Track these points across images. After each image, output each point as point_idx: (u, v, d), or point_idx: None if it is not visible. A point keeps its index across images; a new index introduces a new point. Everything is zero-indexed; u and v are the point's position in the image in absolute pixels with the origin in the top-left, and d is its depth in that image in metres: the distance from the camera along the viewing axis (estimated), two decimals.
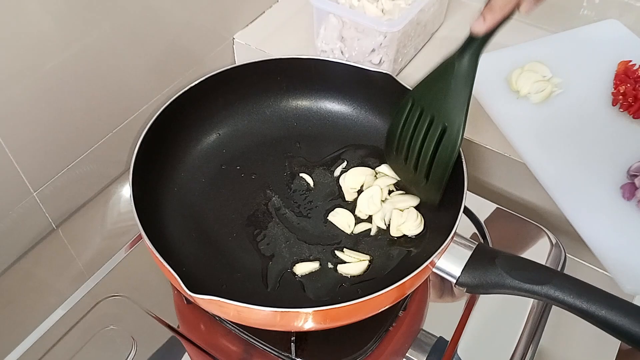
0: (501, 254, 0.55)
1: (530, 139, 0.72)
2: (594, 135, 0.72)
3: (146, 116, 0.77)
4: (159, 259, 0.52)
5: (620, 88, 0.74)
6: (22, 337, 0.61)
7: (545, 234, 0.71)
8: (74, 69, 0.64)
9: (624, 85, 0.74)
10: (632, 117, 0.73)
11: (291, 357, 0.59)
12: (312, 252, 0.62)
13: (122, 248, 0.69)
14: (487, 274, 0.54)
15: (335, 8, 0.77)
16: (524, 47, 0.82)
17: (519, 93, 0.77)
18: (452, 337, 0.62)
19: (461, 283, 0.55)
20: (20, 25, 0.57)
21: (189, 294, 0.49)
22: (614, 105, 0.75)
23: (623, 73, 0.76)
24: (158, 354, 0.60)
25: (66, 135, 0.67)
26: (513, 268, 0.53)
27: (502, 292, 0.54)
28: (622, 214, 0.65)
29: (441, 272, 0.56)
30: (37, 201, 0.68)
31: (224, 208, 0.66)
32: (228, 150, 0.71)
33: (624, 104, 0.73)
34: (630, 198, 0.66)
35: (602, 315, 0.49)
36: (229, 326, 0.62)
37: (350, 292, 0.59)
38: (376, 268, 0.61)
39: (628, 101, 0.73)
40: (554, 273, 0.53)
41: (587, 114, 0.74)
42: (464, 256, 0.55)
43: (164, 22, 0.74)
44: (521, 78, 0.77)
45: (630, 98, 0.72)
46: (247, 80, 0.71)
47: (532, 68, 0.78)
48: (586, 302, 0.50)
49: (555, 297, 0.51)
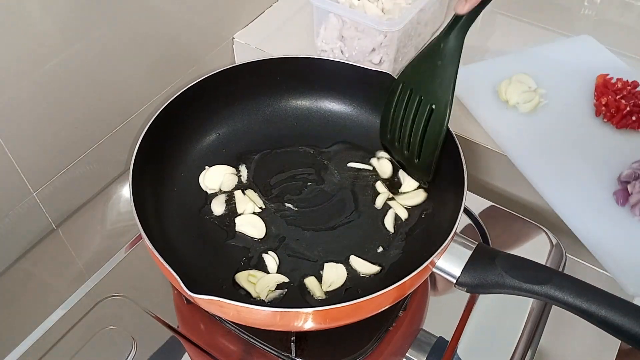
0: (501, 254, 0.55)
1: (522, 147, 0.75)
2: (582, 145, 0.76)
3: (146, 116, 0.76)
4: (159, 260, 0.52)
5: (602, 100, 0.78)
6: (22, 337, 0.61)
7: (545, 234, 0.71)
8: (74, 69, 0.64)
9: (605, 97, 0.78)
10: (616, 126, 0.77)
11: (291, 357, 0.59)
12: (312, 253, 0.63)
13: (122, 248, 0.69)
14: (487, 273, 0.54)
15: (336, 7, 0.77)
16: (508, 60, 0.86)
17: (508, 103, 0.79)
18: (452, 337, 0.62)
19: (461, 283, 0.55)
20: (20, 25, 0.57)
21: (189, 294, 0.49)
22: (597, 115, 0.79)
23: (602, 86, 0.80)
24: (158, 354, 0.60)
25: (66, 135, 0.67)
26: (513, 268, 0.53)
27: (502, 292, 0.54)
28: (617, 219, 0.68)
29: (441, 272, 0.56)
30: (37, 201, 0.68)
31: None
32: (228, 151, 0.71)
33: (607, 114, 0.77)
34: (625, 204, 0.69)
35: (602, 315, 0.49)
36: (228, 326, 0.62)
37: (351, 292, 0.59)
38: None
39: (610, 112, 0.77)
40: (553, 273, 0.53)
41: (574, 123, 0.78)
42: (464, 256, 0.55)
43: (164, 22, 0.74)
44: (510, 88, 0.80)
45: (613, 109, 0.77)
46: (246, 80, 0.71)
47: (519, 79, 0.81)
48: (586, 302, 0.50)
49: (555, 296, 0.51)
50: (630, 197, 0.68)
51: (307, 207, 0.66)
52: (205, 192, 0.67)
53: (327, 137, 0.73)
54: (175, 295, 0.65)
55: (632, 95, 0.78)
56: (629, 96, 0.78)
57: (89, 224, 0.72)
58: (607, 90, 0.79)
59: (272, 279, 0.59)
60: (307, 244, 0.63)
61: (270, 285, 0.58)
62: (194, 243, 0.63)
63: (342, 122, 0.74)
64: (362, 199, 0.67)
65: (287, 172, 0.70)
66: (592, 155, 0.74)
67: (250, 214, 0.65)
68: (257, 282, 0.58)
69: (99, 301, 0.64)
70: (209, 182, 0.67)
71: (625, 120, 0.76)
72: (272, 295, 0.58)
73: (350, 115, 0.74)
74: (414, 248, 0.63)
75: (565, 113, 0.79)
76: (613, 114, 0.77)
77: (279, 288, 0.59)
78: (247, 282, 0.59)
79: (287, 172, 0.69)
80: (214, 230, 0.64)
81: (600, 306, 0.49)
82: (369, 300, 0.50)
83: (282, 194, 0.67)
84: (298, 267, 0.61)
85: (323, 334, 0.59)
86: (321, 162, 0.71)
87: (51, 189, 0.68)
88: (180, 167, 0.68)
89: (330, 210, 0.66)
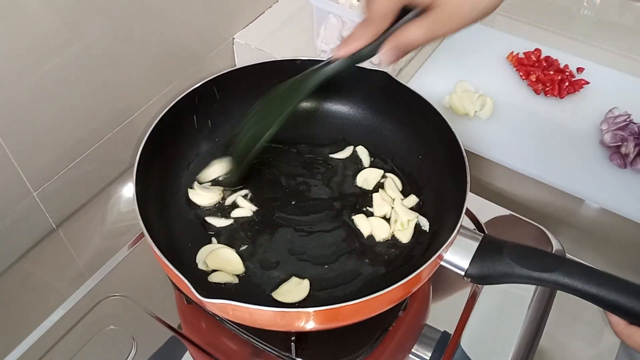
0: (508, 244, 0.55)
1: (506, 149, 0.77)
2: (552, 124, 0.81)
3: (146, 116, 0.77)
4: (167, 266, 0.51)
5: (532, 77, 0.82)
6: (22, 337, 0.61)
7: (545, 234, 0.71)
8: (74, 69, 0.64)
9: (533, 74, 0.82)
10: (559, 97, 0.82)
11: (291, 357, 0.59)
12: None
13: (122, 248, 0.69)
14: (496, 264, 0.54)
15: (335, 8, 0.77)
16: (432, 70, 0.88)
17: (469, 115, 0.81)
18: (455, 330, 0.62)
19: (470, 275, 0.55)
20: (20, 25, 0.57)
21: (200, 299, 0.48)
22: (539, 93, 0.83)
23: (518, 63, 0.85)
24: (158, 354, 0.60)
25: (66, 135, 0.67)
26: (521, 257, 0.53)
27: (510, 281, 0.54)
28: (624, 179, 0.75)
29: (449, 265, 0.56)
30: (37, 201, 0.68)
31: None
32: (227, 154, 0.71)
33: (546, 90, 0.82)
34: (626, 165, 0.75)
35: (611, 299, 0.49)
36: (229, 326, 0.62)
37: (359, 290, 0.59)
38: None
39: (546, 86, 0.82)
40: (561, 260, 0.53)
41: (530, 109, 0.83)
42: (471, 248, 0.55)
43: (164, 22, 0.74)
44: (463, 100, 0.81)
45: (548, 82, 0.81)
46: (243, 83, 0.70)
47: (463, 87, 0.83)
48: (595, 287, 0.50)
49: (564, 283, 0.51)
50: (627, 158, 0.75)
51: (304, 210, 0.66)
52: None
53: (325, 136, 0.73)
54: (175, 295, 0.65)
55: (549, 64, 0.85)
56: (548, 66, 0.85)
57: (89, 224, 0.72)
58: (528, 67, 0.84)
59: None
60: (304, 246, 0.63)
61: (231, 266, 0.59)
62: (196, 247, 0.62)
63: (340, 121, 0.74)
64: (359, 200, 0.67)
65: (281, 175, 0.69)
66: (562, 130, 0.80)
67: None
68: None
69: (99, 301, 0.64)
70: (198, 199, 0.66)
71: (567, 89, 0.82)
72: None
73: (349, 114, 0.74)
74: (418, 245, 0.63)
75: (514, 103, 0.83)
76: (549, 87, 0.82)
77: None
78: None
79: (282, 174, 0.69)
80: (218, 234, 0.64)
81: (609, 290, 0.49)
82: (381, 296, 0.50)
83: (279, 197, 0.67)
84: (301, 267, 0.61)
85: (323, 335, 0.59)
86: (319, 161, 0.71)
87: (51, 189, 0.68)
88: (182, 172, 0.68)
89: (329, 212, 0.66)
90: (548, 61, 0.87)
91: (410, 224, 0.63)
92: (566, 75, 0.85)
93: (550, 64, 0.87)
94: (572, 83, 0.84)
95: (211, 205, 0.65)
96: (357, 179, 0.68)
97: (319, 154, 0.71)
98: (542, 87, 0.83)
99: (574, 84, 0.84)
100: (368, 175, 0.68)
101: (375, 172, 0.69)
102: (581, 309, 0.51)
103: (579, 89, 0.84)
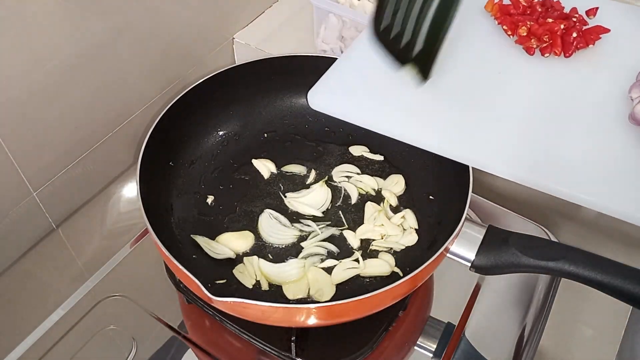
0: (513, 234, 0.55)
1: None
2: (554, 97, 0.57)
3: (146, 116, 0.77)
4: (176, 265, 0.51)
5: (521, 31, 0.59)
6: (22, 337, 0.61)
7: (546, 234, 0.71)
8: (74, 69, 0.64)
9: (524, 26, 0.59)
10: (564, 56, 0.58)
11: (291, 357, 0.59)
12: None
13: (122, 248, 0.69)
14: (502, 254, 0.54)
15: (336, 7, 0.77)
16: None
17: None
18: (459, 322, 0.63)
19: (476, 266, 0.55)
20: (20, 25, 0.57)
21: (212, 298, 0.48)
22: (532, 54, 0.59)
23: (501, 13, 0.61)
24: (158, 354, 0.60)
25: (66, 135, 0.67)
26: (527, 246, 0.54)
27: (516, 271, 0.54)
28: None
29: (456, 257, 0.56)
30: (37, 201, 0.68)
31: (227, 209, 0.66)
32: (228, 152, 0.71)
33: (543, 47, 0.59)
34: None
35: (617, 285, 0.50)
36: (229, 326, 0.61)
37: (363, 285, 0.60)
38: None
39: (544, 40, 0.58)
40: (567, 248, 0.53)
41: (522, 77, 0.58)
42: (477, 239, 0.56)
43: (164, 22, 0.74)
44: None
45: (546, 36, 0.58)
46: (244, 81, 0.71)
47: None
48: (601, 274, 0.50)
49: (570, 271, 0.51)
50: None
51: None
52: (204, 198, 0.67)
53: (324, 135, 0.73)
54: (178, 295, 0.65)
55: (546, 9, 0.60)
56: (546, 11, 0.60)
57: (89, 224, 0.72)
58: (516, 16, 0.60)
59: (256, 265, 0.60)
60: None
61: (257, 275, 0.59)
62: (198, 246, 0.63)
63: (340, 121, 0.73)
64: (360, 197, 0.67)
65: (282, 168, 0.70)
66: (576, 94, 0.57)
67: None
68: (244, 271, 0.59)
69: (99, 301, 0.64)
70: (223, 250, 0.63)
71: (575, 42, 0.58)
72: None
73: None
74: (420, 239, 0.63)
75: (496, 76, 0.58)
76: (548, 42, 0.58)
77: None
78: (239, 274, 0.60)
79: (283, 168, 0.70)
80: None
81: (615, 276, 0.50)
82: (389, 290, 0.50)
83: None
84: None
85: (323, 334, 0.59)
86: (320, 159, 0.71)
87: (51, 189, 0.68)
88: (182, 173, 0.68)
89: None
90: (545, 4, 0.61)
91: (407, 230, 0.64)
92: (573, 22, 0.59)
93: (548, 9, 0.61)
94: (584, 33, 0.59)
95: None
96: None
97: (320, 152, 0.72)
98: (538, 44, 0.59)
99: (586, 35, 0.58)
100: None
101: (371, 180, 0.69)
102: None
103: (593, 42, 0.59)
